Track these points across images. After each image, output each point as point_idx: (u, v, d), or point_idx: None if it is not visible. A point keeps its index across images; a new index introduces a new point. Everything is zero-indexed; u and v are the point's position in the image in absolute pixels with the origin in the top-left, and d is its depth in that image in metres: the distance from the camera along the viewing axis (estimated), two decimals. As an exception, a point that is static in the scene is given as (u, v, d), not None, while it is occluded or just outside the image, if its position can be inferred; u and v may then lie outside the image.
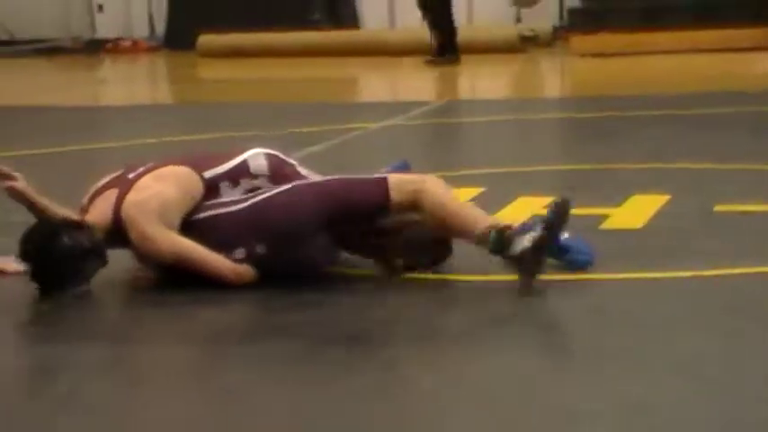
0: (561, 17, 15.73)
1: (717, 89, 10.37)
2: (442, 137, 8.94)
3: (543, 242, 4.34)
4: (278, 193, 4.51)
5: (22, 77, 14.98)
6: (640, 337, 3.93)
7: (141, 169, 4.61)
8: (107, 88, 13.94)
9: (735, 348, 3.79)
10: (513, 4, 16.11)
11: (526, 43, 14.99)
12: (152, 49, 17.58)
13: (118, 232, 4.48)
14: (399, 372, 3.78)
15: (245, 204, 4.50)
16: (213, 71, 15.14)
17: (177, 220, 4.47)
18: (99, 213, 4.52)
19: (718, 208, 5.59)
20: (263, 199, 4.50)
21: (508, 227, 4.41)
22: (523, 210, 5.54)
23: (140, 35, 18.12)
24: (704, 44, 13.05)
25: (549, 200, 5.82)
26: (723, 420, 3.21)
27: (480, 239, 4.41)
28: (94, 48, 17.56)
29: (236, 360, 3.90)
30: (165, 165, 4.62)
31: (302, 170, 4.75)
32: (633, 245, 5.10)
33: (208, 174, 4.58)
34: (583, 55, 13.64)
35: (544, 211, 5.59)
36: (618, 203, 5.74)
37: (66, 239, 4.40)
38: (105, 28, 18.29)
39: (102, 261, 4.50)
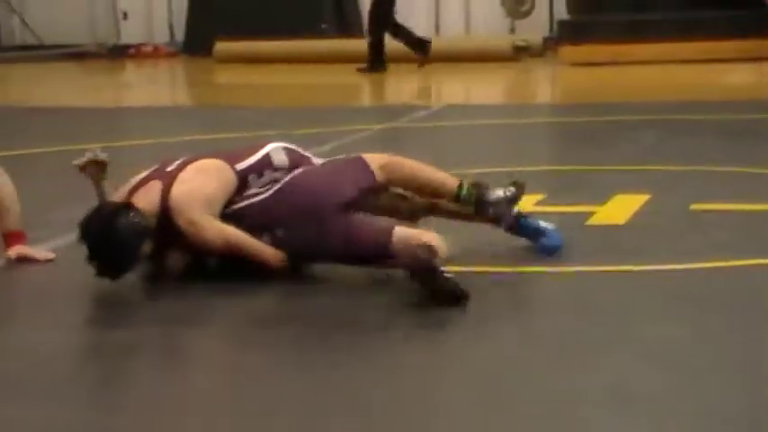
0: (551, 29, 15.72)
1: (695, 98, 10.37)
2: (440, 138, 8.94)
3: (516, 196, 4.67)
4: (292, 178, 4.55)
5: (51, 80, 14.96)
6: (621, 324, 3.96)
7: (178, 162, 4.62)
8: (130, 91, 13.95)
9: (709, 336, 3.83)
10: (507, 16, 16.11)
11: (519, 53, 14.98)
12: (172, 55, 17.54)
13: (165, 220, 4.48)
14: (399, 356, 3.79)
15: (268, 193, 4.52)
16: (229, 76, 15.13)
17: (219, 209, 4.49)
18: (146, 202, 4.50)
19: (693, 206, 5.62)
20: (281, 185, 4.53)
21: (479, 183, 4.65)
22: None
23: (161, 41, 18.10)
24: (684, 55, 13.04)
25: (539, 198, 5.89)
26: (695, 403, 3.25)
27: (457, 193, 4.62)
28: (119, 53, 17.54)
29: (254, 344, 3.94)
30: (200, 159, 4.64)
31: (317, 161, 4.78)
32: (616, 239, 5.14)
33: (239, 167, 4.59)
34: (571, 64, 13.63)
35: (535, 208, 5.66)
36: (602, 202, 5.76)
37: (125, 220, 4.39)
38: (129, 34, 18.25)
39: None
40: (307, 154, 4.81)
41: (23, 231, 4.90)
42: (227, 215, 4.51)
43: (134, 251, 4.41)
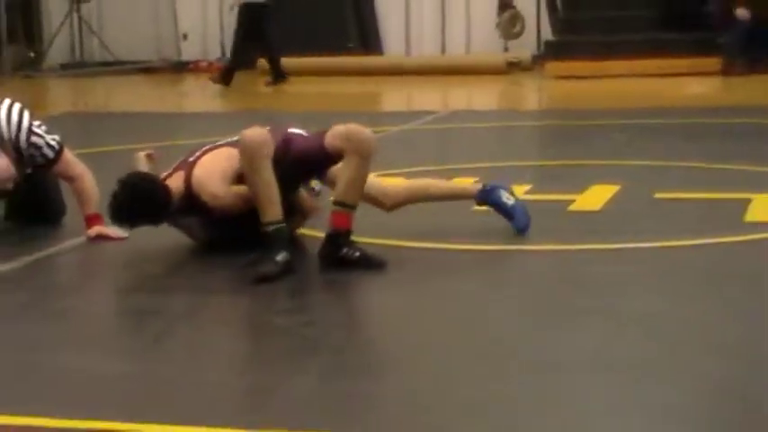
0: (539, 47, 15.64)
1: (659, 105, 10.32)
2: (447, 138, 8.93)
3: None
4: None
5: (124, 91, 14.98)
6: (600, 296, 3.92)
7: (198, 153, 4.64)
8: (189, 99, 13.94)
9: (678, 305, 3.79)
10: (501, 37, 16.05)
11: (512, 67, 14.92)
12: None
13: (190, 198, 4.50)
14: (393, 321, 3.75)
15: None
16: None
17: (232, 180, 4.48)
18: (174, 187, 4.54)
19: (658, 195, 5.59)
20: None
21: None
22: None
23: (214, 57, 18.08)
24: (650, 70, 12.99)
25: (528, 187, 5.86)
26: (671, 367, 3.20)
27: None
28: (180, 68, 17.54)
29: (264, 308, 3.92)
30: (217, 147, 4.64)
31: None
32: (593, 223, 5.12)
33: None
34: (556, 77, 13.58)
35: (524, 197, 5.63)
36: (581, 191, 5.73)
37: (152, 186, 4.47)
38: (188, 52, 18.24)
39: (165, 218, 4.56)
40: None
41: (101, 214, 4.89)
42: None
43: (148, 214, 4.46)
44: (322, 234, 4.39)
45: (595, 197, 5.59)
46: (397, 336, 3.56)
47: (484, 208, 4.84)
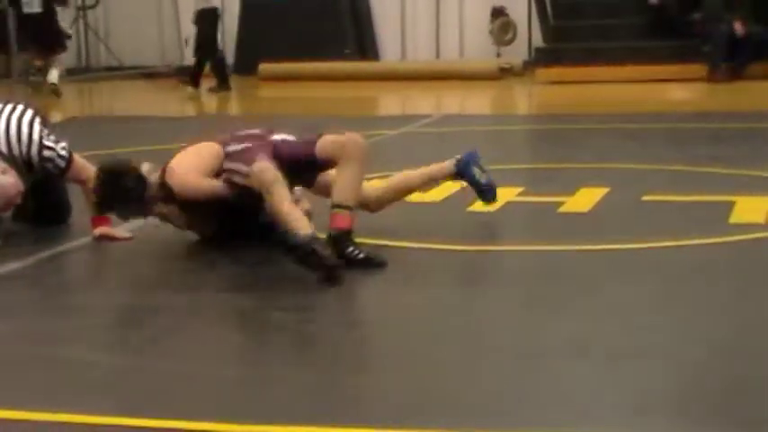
0: (530, 54, 15.66)
1: (645, 110, 10.35)
2: (441, 141, 8.93)
3: None
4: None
5: (129, 95, 14.98)
6: (586, 290, 3.96)
7: (183, 147, 4.71)
8: (191, 103, 13.93)
9: (659, 299, 3.82)
10: (494, 44, 16.07)
11: (504, 73, 14.95)
12: (225, 74, 17.50)
13: (163, 187, 4.53)
14: (388, 318, 3.77)
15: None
16: (270, 91, 15.12)
17: (208, 172, 4.50)
18: (154, 177, 4.58)
19: (645, 197, 5.60)
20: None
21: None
22: (501, 197, 5.53)
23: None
24: (636, 76, 13.01)
25: (520, 189, 5.87)
26: (648, 353, 3.24)
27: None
28: (182, 72, 17.52)
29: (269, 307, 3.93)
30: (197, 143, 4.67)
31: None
32: (582, 224, 5.13)
33: (228, 148, 4.58)
34: (546, 83, 13.60)
35: (516, 198, 5.64)
36: (570, 193, 5.74)
37: (131, 176, 4.53)
38: (190, 58, 18.15)
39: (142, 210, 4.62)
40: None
41: (109, 216, 4.90)
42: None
43: (126, 202, 4.54)
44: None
45: (584, 199, 5.60)
46: (391, 331, 3.58)
47: (478, 209, 4.86)
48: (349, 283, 4.06)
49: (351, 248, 4.18)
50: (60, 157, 4.93)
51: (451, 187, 5.88)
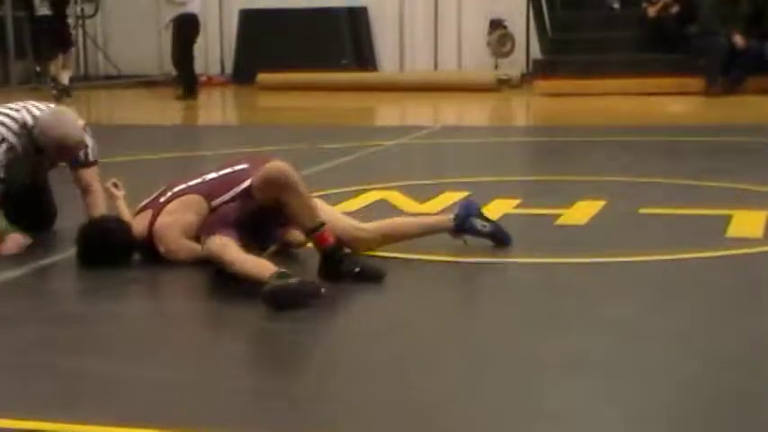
0: (528, 66, 15.71)
1: (642, 122, 10.37)
2: (438, 153, 8.95)
3: None
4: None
5: (127, 103, 14.99)
6: (583, 304, 3.95)
7: (169, 195, 4.67)
8: (190, 112, 13.93)
9: (656, 313, 3.81)
10: (492, 56, 16.11)
11: (501, 85, 14.98)
12: (223, 84, 17.56)
13: (150, 242, 4.62)
14: (382, 328, 3.76)
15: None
16: (268, 101, 15.13)
17: (193, 234, 4.55)
18: (140, 228, 4.64)
19: (642, 210, 5.61)
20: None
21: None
22: (498, 209, 5.55)
23: (214, 72, 18.13)
24: (633, 89, 13.05)
25: (517, 202, 5.87)
26: (643, 368, 3.23)
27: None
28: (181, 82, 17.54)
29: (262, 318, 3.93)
30: (186, 194, 4.64)
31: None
32: (579, 237, 5.12)
33: (214, 203, 4.57)
34: (543, 95, 13.63)
35: (513, 210, 5.64)
36: (568, 205, 5.74)
37: (120, 232, 4.61)
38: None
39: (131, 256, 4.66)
40: None
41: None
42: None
43: (118, 252, 4.59)
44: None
45: (582, 212, 5.60)
46: (385, 343, 3.56)
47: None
48: (343, 294, 4.06)
49: (345, 263, 4.16)
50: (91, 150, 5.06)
51: (448, 198, 5.89)
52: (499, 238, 4.72)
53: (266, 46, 16.38)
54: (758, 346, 3.41)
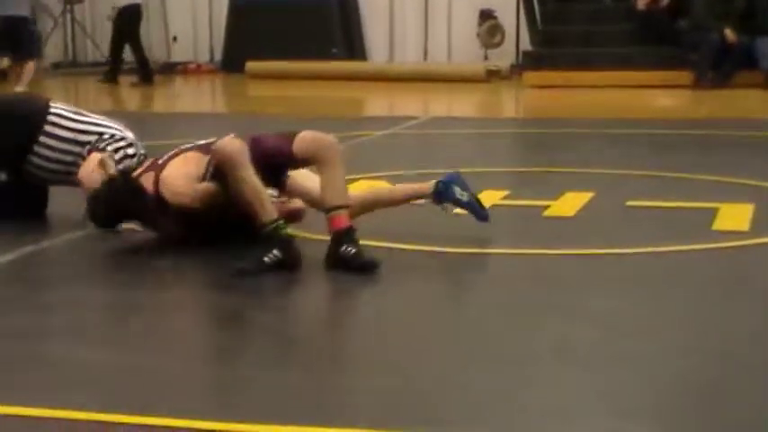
0: (517, 58, 15.71)
1: (630, 115, 10.38)
2: (427, 144, 8.95)
3: None
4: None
5: (116, 91, 14.93)
6: (570, 295, 3.96)
7: (169, 154, 4.67)
8: (178, 100, 13.93)
9: (641, 306, 3.82)
10: (482, 47, 16.10)
11: (491, 76, 14.98)
12: (212, 71, 17.52)
13: (157, 198, 4.55)
14: (371, 319, 3.77)
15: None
16: (258, 89, 15.11)
17: (196, 181, 4.52)
18: (145, 186, 4.59)
19: (629, 203, 5.62)
20: None
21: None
22: (486, 200, 5.54)
23: (203, 60, 18.09)
24: (621, 82, 13.07)
25: (505, 193, 5.88)
26: (628, 360, 3.25)
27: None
28: (169, 69, 17.52)
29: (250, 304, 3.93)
30: (185, 152, 4.66)
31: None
32: (567, 229, 5.14)
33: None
34: (533, 87, 13.64)
35: (501, 202, 5.65)
36: (555, 197, 5.76)
37: (129, 185, 4.57)
38: (177, 54, 18.24)
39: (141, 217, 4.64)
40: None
41: None
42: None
43: (126, 214, 4.56)
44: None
45: (569, 204, 5.61)
46: (372, 333, 3.57)
47: (462, 212, 4.85)
48: (332, 284, 4.06)
49: (344, 246, 4.15)
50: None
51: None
52: (476, 209, 4.75)
53: (256, 34, 16.34)
54: (744, 340, 3.42)
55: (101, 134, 5.16)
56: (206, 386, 3.04)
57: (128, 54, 15.32)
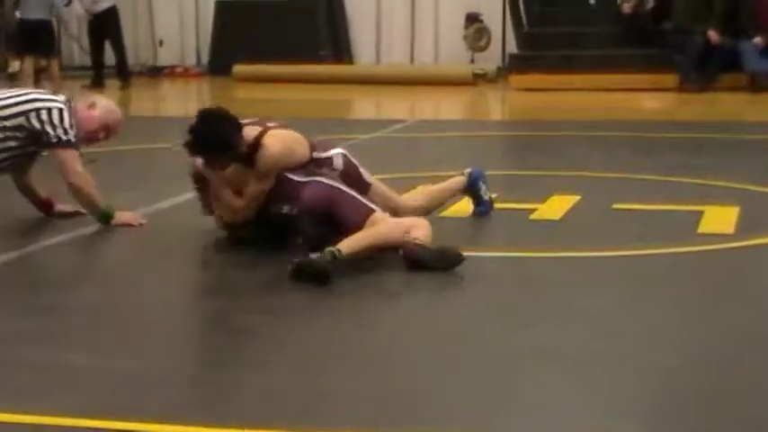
0: (504, 61, 15.74)
1: (616, 118, 10.42)
2: (413, 146, 8.95)
3: None
4: (316, 183, 4.60)
5: (102, 94, 14.89)
6: (556, 297, 3.97)
7: (275, 124, 4.77)
8: (165, 103, 13.91)
9: (627, 306, 3.85)
10: (468, 50, 16.12)
11: (477, 79, 15.00)
12: (199, 75, 17.50)
13: (250, 152, 4.59)
14: (358, 322, 3.79)
15: (305, 180, 4.62)
16: (245, 92, 15.08)
17: (288, 166, 4.62)
18: (248, 134, 4.64)
19: (615, 206, 5.64)
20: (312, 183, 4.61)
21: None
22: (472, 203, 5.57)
23: (190, 63, 18.06)
24: (607, 85, 13.11)
25: (492, 196, 5.88)
26: (613, 359, 3.27)
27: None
28: (156, 73, 17.50)
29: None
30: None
31: (362, 170, 4.85)
32: (554, 231, 5.15)
33: (315, 155, 4.73)
34: (519, 89, 13.66)
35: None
36: (542, 200, 5.78)
37: (232, 125, 4.62)
38: (164, 58, 18.22)
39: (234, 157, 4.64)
40: (356, 162, 4.86)
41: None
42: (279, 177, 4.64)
43: (228, 133, 4.58)
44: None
45: (556, 206, 5.63)
46: (360, 335, 3.58)
47: (450, 215, 4.87)
48: (320, 288, 4.06)
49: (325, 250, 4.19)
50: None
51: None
52: (485, 212, 5.25)
53: (243, 37, 16.32)
54: (729, 340, 3.44)
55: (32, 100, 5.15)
56: (191, 390, 3.04)
57: (110, 58, 15.37)
